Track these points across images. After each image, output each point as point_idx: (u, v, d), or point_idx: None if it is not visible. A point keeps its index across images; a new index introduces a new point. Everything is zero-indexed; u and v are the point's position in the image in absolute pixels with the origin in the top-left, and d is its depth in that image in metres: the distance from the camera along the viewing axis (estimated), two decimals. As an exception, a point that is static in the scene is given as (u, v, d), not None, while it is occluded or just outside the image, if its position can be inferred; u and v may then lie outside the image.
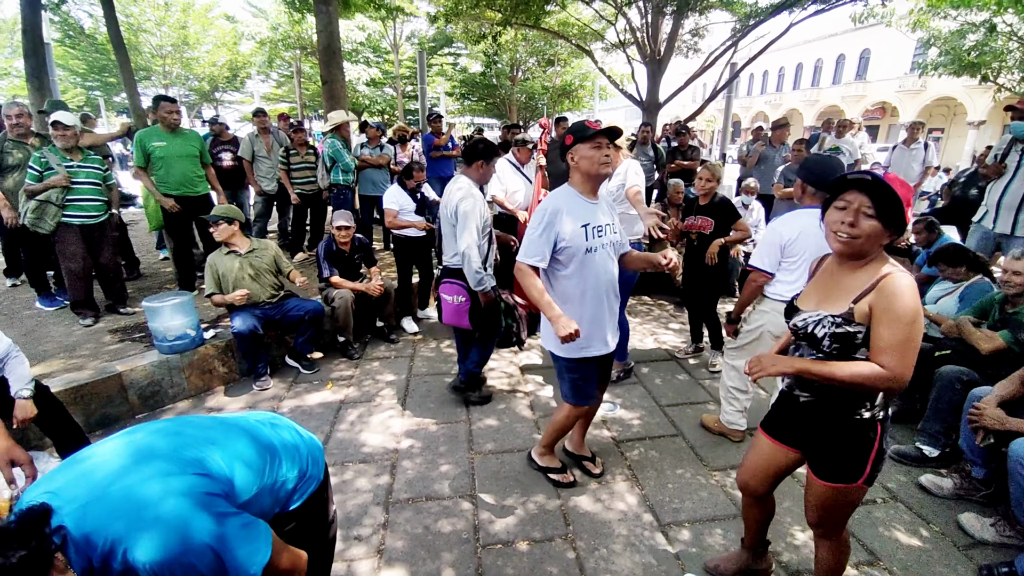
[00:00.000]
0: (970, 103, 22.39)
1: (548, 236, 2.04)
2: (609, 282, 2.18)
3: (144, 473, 0.99)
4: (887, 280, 1.32)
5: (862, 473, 1.43)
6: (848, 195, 1.35)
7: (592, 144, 2.03)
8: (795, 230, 2.34)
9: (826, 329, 1.38)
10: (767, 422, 1.70)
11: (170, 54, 22.04)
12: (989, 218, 3.83)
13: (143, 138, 4.08)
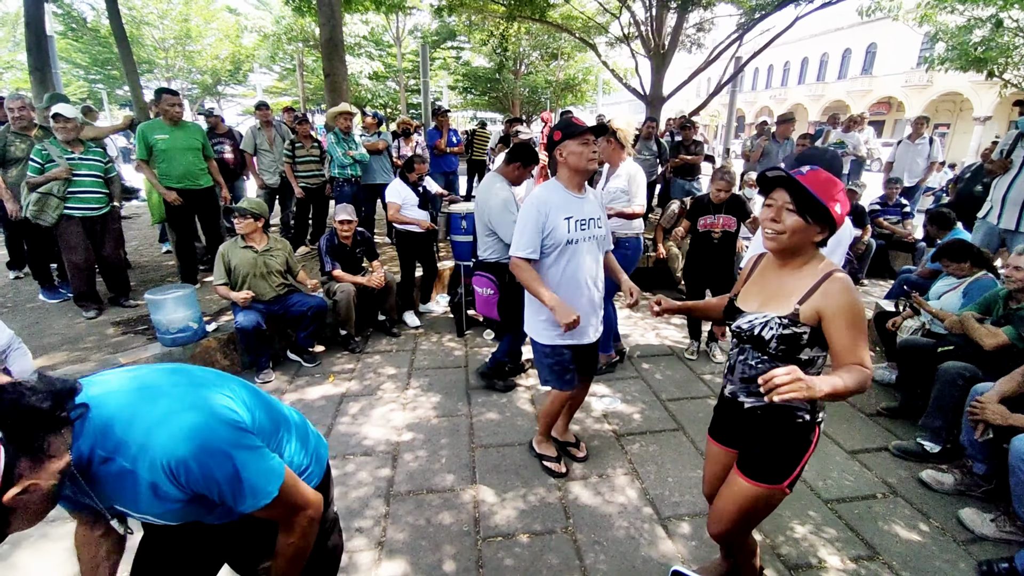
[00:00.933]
0: (976, 99, 22.21)
1: (538, 228, 2.11)
2: (590, 274, 2.22)
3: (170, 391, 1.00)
4: (833, 281, 1.34)
5: (789, 475, 1.44)
6: (774, 193, 1.39)
7: (580, 140, 2.08)
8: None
9: (773, 331, 1.38)
10: (713, 428, 1.70)
11: (173, 47, 21.97)
12: (994, 214, 3.80)
13: (146, 131, 4.08)
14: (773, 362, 1.41)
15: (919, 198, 7.16)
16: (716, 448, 1.68)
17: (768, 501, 1.49)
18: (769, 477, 1.45)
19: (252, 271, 3.44)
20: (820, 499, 2.41)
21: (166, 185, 4.12)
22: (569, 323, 1.99)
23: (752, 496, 1.47)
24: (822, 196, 1.30)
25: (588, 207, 2.20)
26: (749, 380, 1.47)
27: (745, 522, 1.54)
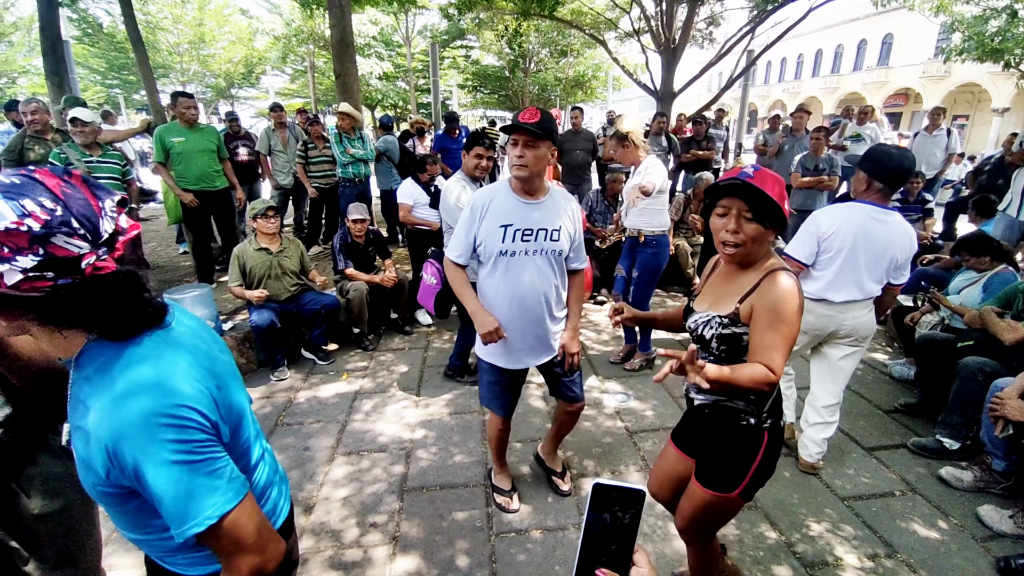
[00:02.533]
0: (994, 90, 21.68)
1: (469, 232, 1.91)
2: (533, 293, 1.93)
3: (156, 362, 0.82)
4: (771, 278, 1.30)
5: (739, 484, 1.40)
6: (725, 200, 1.32)
7: (510, 140, 1.81)
8: (835, 223, 2.21)
9: (713, 330, 1.37)
10: (675, 432, 1.69)
11: (187, 51, 22.31)
12: (1015, 205, 3.73)
13: (162, 134, 4.17)
14: (717, 362, 1.36)
15: (938, 191, 7.02)
16: (672, 450, 1.67)
17: (721, 509, 1.46)
18: (719, 485, 1.43)
19: (267, 273, 3.50)
20: (837, 496, 2.39)
21: (183, 187, 4.20)
22: (485, 334, 1.86)
23: (705, 503, 1.46)
24: (777, 198, 1.25)
25: (540, 216, 1.90)
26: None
27: (702, 527, 1.53)
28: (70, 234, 0.71)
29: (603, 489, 0.59)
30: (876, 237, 2.18)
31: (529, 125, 1.74)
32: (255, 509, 0.85)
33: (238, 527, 0.81)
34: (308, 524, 2.24)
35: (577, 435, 2.86)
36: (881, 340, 4.11)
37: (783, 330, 1.25)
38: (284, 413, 3.12)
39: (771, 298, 1.28)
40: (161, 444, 0.75)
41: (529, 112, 1.79)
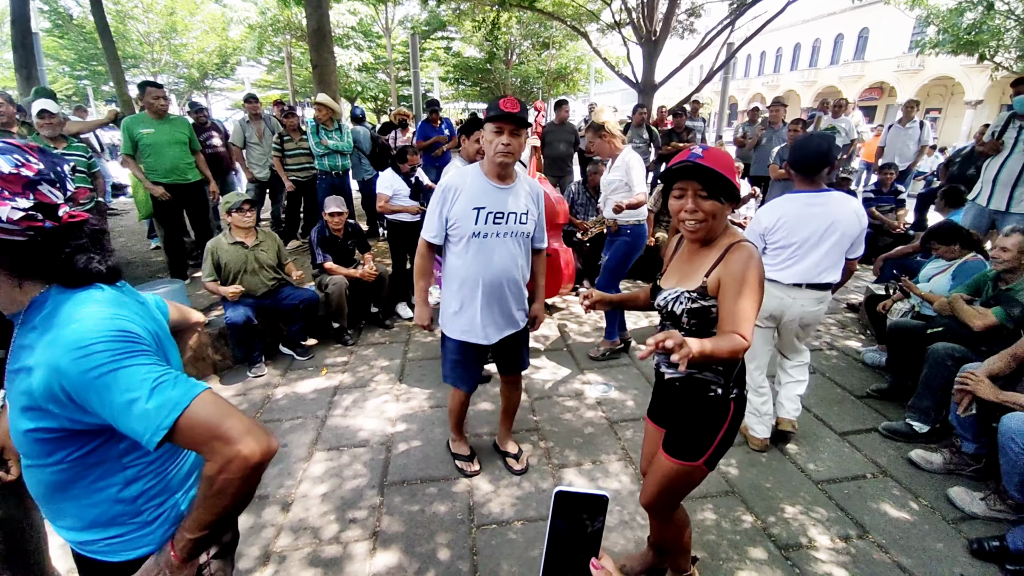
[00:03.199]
0: (968, 83, 22.24)
1: (441, 213, 2.01)
2: (503, 273, 2.06)
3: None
4: (734, 250, 1.36)
5: (705, 452, 1.45)
6: (680, 183, 1.37)
7: (495, 127, 1.88)
8: (774, 218, 2.36)
9: (683, 305, 1.41)
10: (650, 409, 1.73)
11: (158, 41, 21.63)
12: (984, 195, 3.81)
13: (130, 125, 4.03)
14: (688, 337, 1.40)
15: (910, 182, 7.18)
16: (651, 427, 1.72)
17: (687, 478, 1.51)
18: (686, 454, 1.47)
19: (243, 267, 3.42)
20: (811, 480, 2.44)
21: (153, 180, 4.07)
22: (417, 325, 2.14)
23: (671, 472, 1.50)
24: (727, 172, 1.31)
25: (511, 200, 2.01)
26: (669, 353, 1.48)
27: (667, 496, 1.57)
28: (52, 183, 0.82)
29: (566, 497, 0.58)
30: (817, 222, 2.29)
31: (518, 114, 1.85)
32: (226, 403, 0.85)
33: (211, 413, 0.80)
34: (286, 521, 2.21)
35: (559, 426, 2.87)
36: (854, 328, 4.20)
37: (749, 297, 1.31)
38: (261, 410, 3.07)
39: (736, 268, 1.33)
40: (114, 354, 0.80)
41: (511, 101, 1.87)
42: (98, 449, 0.88)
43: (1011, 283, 2.60)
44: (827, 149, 2.27)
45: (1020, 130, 3.60)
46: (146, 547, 0.97)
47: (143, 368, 0.81)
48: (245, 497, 0.85)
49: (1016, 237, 2.53)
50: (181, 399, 0.80)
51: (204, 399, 0.82)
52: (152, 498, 0.97)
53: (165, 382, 0.81)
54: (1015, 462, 2.01)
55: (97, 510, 0.92)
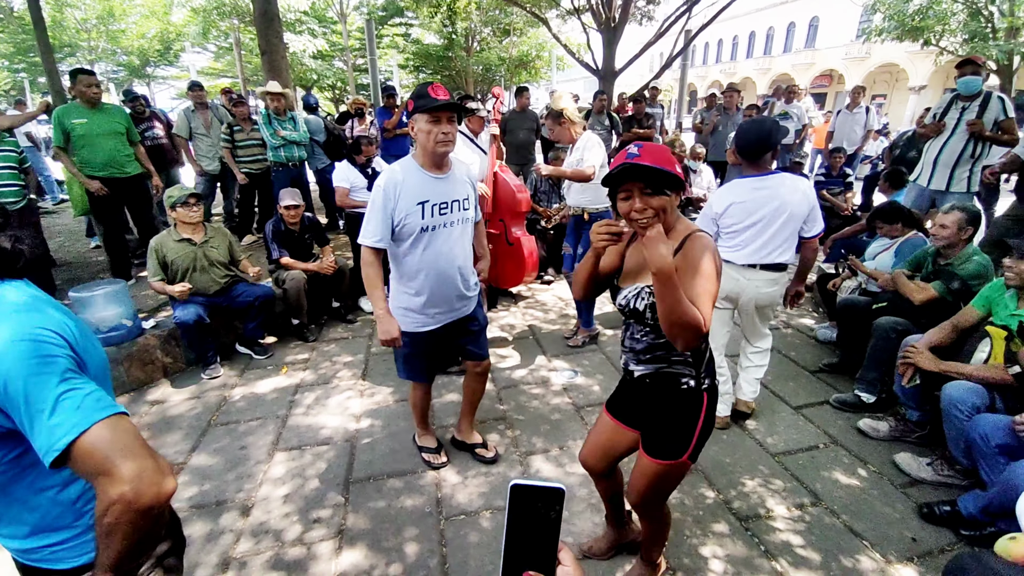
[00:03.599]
0: (912, 68, 23.33)
1: (385, 215, 1.92)
2: (451, 262, 2.06)
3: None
4: (692, 239, 1.37)
5: (687, 448, 1.46)
6: (625, 185, 1.35)
7: (430, 118, 1.85)
8: (724, 203, 2.40)
9: (645, 300, 1.40)
10: (611, 402, 1.71)
11: (95, 27, 20.24)
12: (925, 175, 4.00)
13: (62, 115, 3.76)
14: (653, 333, 1.43)
15: (857, 165, 7.49)
16: (607, 419, 1.68)
17: (675, 475, 1.52)
18: (668, 453, 1.47)
19: (192, 265, 3.25)
20: (768, 453, 2.53)
21: (87, 174, 3.81)
22: (385, 340, 1.98)
23: (658, 473, 1.50)
24: (666, 166, 1.29)
25: (450, 188, 2.00)
26: (638, 352, 1.50)
27: (657, 495, 1.58)
28: None
29: (521, 490, 0.56)
30: (764, 204, 2.33)
31: (452, 101, 1.84)
32: (131, 434, 0.78)
33: (106, 445, 0.74)
34: (246, 526, 2.13)
35: (525, 414, 2.88)
36: (807, 306, 4.37)
37: (705, 284, 1.32)
38: (217, 412, 2.95)
39: (693, 255, 1.35)
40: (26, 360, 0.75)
41: (442, 88, 1.86)
42: (31, 450, 0.82)
43: (950, 258, 2.74)
44: (767, 134, 2.31)
45: (962, 111, 3.78)
46: (90, 553, 0.93)
47: (55, 376, 0.76)
48: (142, 541, 0.78)
49: (955, 214, 2.66)
50: (80, 422, 0.74)
51: (105, 426, 0.75)
52: (91, 500, 0.92)
53: (70, 397, 0.75)
54: (959, 428, 2.13)
55: (37, 513, 0.89)
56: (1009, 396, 2.11)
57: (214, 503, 2.26)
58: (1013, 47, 12.00)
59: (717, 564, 1.93)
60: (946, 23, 12.92)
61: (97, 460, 0.73)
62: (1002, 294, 2.28)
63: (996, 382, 2.12)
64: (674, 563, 1.93)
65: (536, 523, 0.56)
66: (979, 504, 1.95)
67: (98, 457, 0.73)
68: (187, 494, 2.31)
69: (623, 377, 1.65)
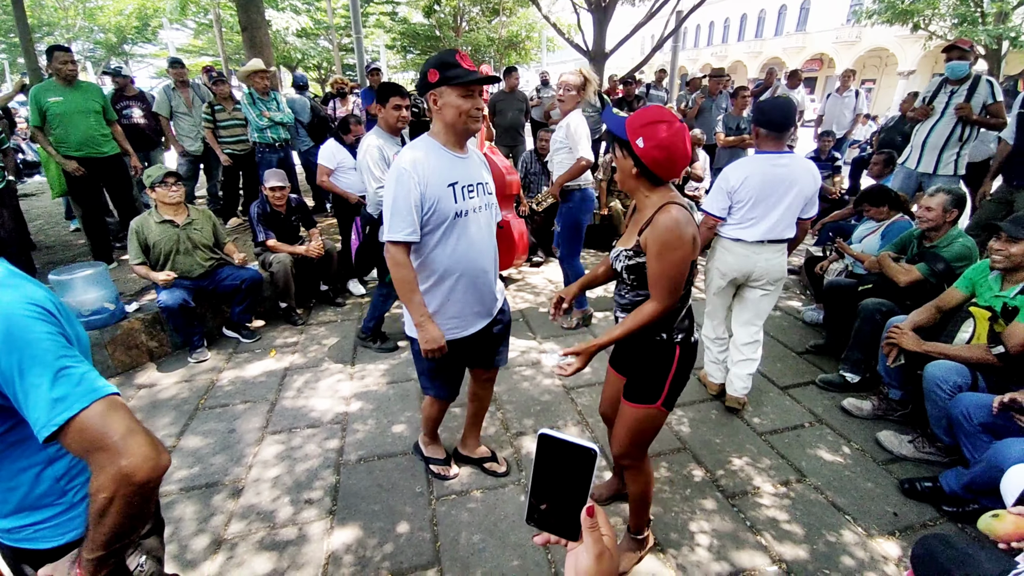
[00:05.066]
0: (901, 53, 23.38)
1: (415, 202, 1.62)
2: (485, 252, 1.83)
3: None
4: (659, 214, 1.43)
5: (660, 395, 1.58)
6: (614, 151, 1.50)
7: (463, 91, 1.60)
8: (741, 177, 2.40)
9: (622, 263, 1.53)
10: (612, 356, 1.85)
11: (72, 5, 19.49)
12: (913, 158, 4.03)
13: (37, 94, 3.64)
14: (634, 291, 1.56)
15: (846, 149, 7.52)
16: (612, 374, 1.85)
17: (651, 421, 1.63)
18: (644, 398, 1.60)
19: (175, 248, 3.18)
20: (755, 432, 2.57)
21: (64, 154, 3.69)
22: (432, 349, 1.73)
23: (635, 417, 1.62)
24: (627, 133, 1.40)
25: (474, 169, 1.78)
26: (624, 305, 1.62)
27: (636, 441, 1.67)
28: None
29: (550, 441, 0.54)
30: (780, 181, 2.37)
31: (490, 76, 1.64)
32: (126, 412, 0.79)
33: (105, 421, 0.75)
34: (236, 508, 2.12)
35: (516, 395, 2.89)
36: (795, 288, 4.42)
37: (668, 260, 1.40)
38: (206, 396, 2.92)
39: (657, 231, 1.41)
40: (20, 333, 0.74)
41: (467, 57, 1.63)
42: (17, 427, 0.83)
43: (934, 241, 2.78)
44: (792, 112, 2.40)
45: (951, 95, 3.79)
46: (75, 531, 0.92)
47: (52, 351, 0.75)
48: (135, 517, 0.78)
49: (940, 197, 2.69)
50: (81, 398, 0.74)
51: (104, 403, 0.76)
52: (75, 477, 0.92)
53: (69, 374, 0.75)
54: (941, 407, 2.17)
55: (21, 491, 0.88)
56: (991, 376, 2.16)
57: (204, 485, 2.24)
58: (1002, 31, 12.04)
59: (703, 538, 1.97)
60: (936, 7, 12.92)
61: (94, 436, 0.74)
62: (986, 276, 2.32)
63: (979, 362, 2.16)
64: (661, 538, 1.97)
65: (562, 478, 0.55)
66: (961, 481, 1.99)
67: (96, 433, 0.74)
68: (178, 475, 2.29)
69: None
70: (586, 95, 3.13)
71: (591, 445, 0.53)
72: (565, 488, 0.55)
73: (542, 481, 0.56)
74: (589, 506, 0.55)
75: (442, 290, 1.78)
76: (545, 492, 0.56)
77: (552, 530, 0.57)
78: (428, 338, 1.73)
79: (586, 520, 0.55)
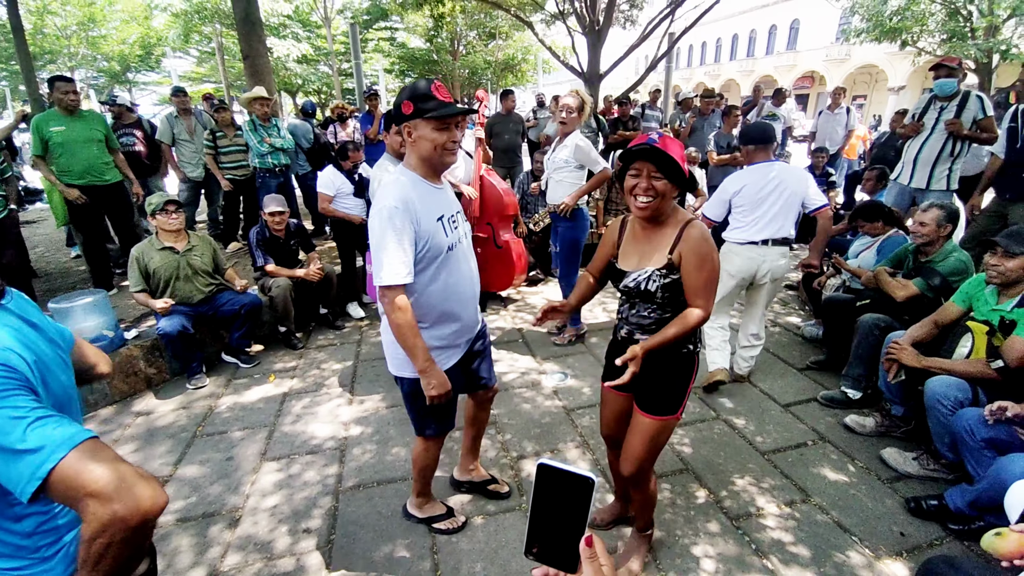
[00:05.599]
0: (891, 69, 23.78)
1: (409, 239, 1.54)
2: (473, 282, 1.81)
3: None
4: (691, 227, 1.53)
5: (681, 403, 1.65)
6: (636, 163, 1.50)
7: (438, 124, 1.53)
8: (739, 185, 2.84)
9: (656, 282, 1.56)
10: (606, 375, 1.82)
11: (75, 33, 19.93)
12: (906, 174, 4.07)
13: (40, 123, 3.70)
14: (661, 309, 1.59)
15: (840, 165, 7.60)
16: (610, 393, 1.82)
17: (668, 431, 1.69)
18: (664, 409, 1.64)
19: (175, 274, 3.20)
20: (758, 451, 2.54)
21: (67, 182, 3.74)
22: (438, 395, 1.65)
23: (655, 429, 1.65)
24: (680, 160, 1.44)
25: (451, 199, 1.76)
26: (645, 325, 1.64)
27: (654, 452, 1.70)
28: None
29: (548, 471, 0.55)
30: (774, 186, 2.79)
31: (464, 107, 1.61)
32: (109, 453, 0.76)
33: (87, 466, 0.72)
34: (234, 539, 2.09)
35: (516, 417, 2.87)
36: (794, 305, 4.42)
37: (708, 268, 1.50)
38: (203, 423, 2.90)
39: (694, 243, 1.50)
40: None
41: (444, 88, 1.59)
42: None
43: (930, 255, 2.79)
44: (769, 129, 2.91)
45: (941, 111, 3.85)
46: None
47: (18, 408, 0.73)
48: (131, 559, 0.76)
49: (934, 212, 2.71)
50: (58, 447, 0.72)
51: (84, 448, 0.74)
52: (46, 534, 0.89)
53: (42, 424, 0.73)
54: (943, 423, 2.16)
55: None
56: (992, 390, 2.15)
57: (200, 516, 2.21)
58: (992, 45, 12.20)
59: (709, 563, 1.93)
60: (924, 24, 13.17)
61: (82, 482, 0.71)
62: (982, 290, 2.32)
63: (979, 376, 2.15)
64: (665, 564, 1.93)
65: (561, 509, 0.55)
66: (966, 498, 1.97)
67: (82, 479, 0.71)
68: (174, 507, 2.26)
69: (614, 348, 1.80)
70: (584, 116, 3.21)
71: (589, 474, 0.53)
72: (564, 518, 0.55)
73: (541, 512, 0.56)
74: (587, 536, 0.55)
75: (436, 324, 1.74)
76: (544, 523, 0.56)
77: (551, 563, 0.56)
78: (436, 383, 1.65)
79: (585, 551, 0.55)
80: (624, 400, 1.79)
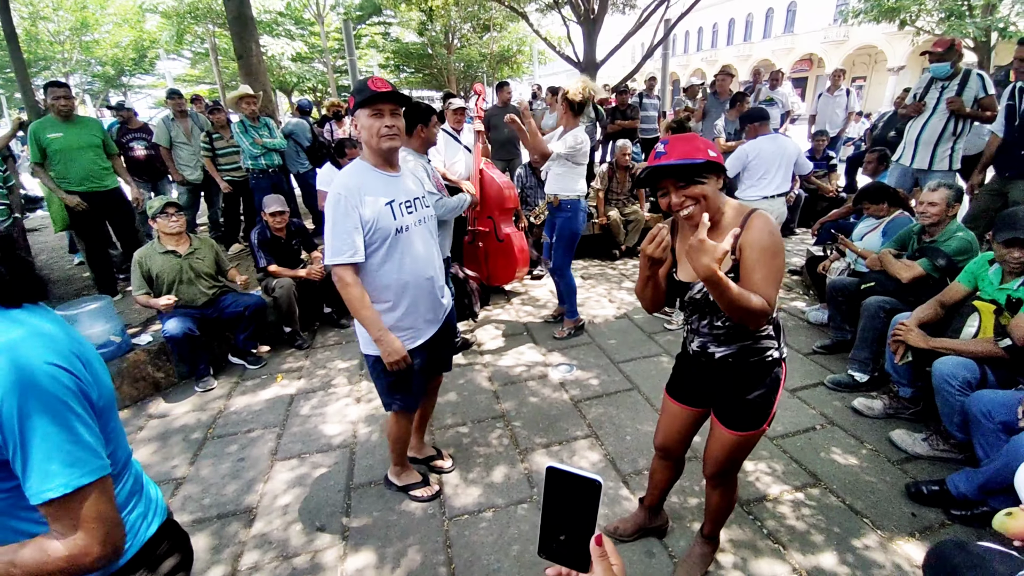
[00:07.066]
0: (890, 50, 23.56)
1: (354, 223, 1.71)
2: (429, 263, 1.92)
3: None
4: (755, 217, 1.37)
5: (767, 417, 1.51)
6: (660, 184, 1.38)
7: (371, 111, 1.70)
8: (755, 150, 3.63)
9: None
10: (672, 387, 1.73)
11: (68, 39, 19.83)
12: (908, 155, 4.04)
13: (37, 130, 3.68)
14: (725, 321, 1.45)
15: (840, 147, 7.55)
16: (675, 406, 1.71)
17: (750, 444, 1.59)
18: (751, 424, 1.51)
19: (178, 277, 3.20)
20: (767, 437, 2.55)
21: (66, 189, 3.73)
22: (395, 361, 1.80)
23: (738, 444, 1.55)
24: (698, 155, 1.30)
25: (409, 185, 1.89)
26: (720, 335, 1.48)
27: (736, 463, 1.64)
28: None
29: (557, 474, 0.57)
30: (774, 152, 3.62)
31: (392, 92, 1.69)
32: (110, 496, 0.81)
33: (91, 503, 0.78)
34: (250, 538, 2.11)
35: (524, 409, 2.88)
36: (798, 289, 4.41)
37: (771, 262, 1.32)
38: (214, 426, 2.91)
39: (756, 235, 1.34)
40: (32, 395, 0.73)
41: (380, 80, 1.70)
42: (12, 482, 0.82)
43: (934, 236, 2.78)
44: (761, 109, 3.95)
45: (942, 90, 3.82)
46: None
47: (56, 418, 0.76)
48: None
49: (943, 191, 2.69)
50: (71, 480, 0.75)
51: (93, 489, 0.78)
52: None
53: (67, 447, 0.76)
54: (951, 403, 2.15)
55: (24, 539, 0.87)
56: (1000, 369, 2.15)
57: (216, 516, 2.23)
58: (991, 23, 12.08)
59: (721, 550, 1.94)
60: (922, 3, 13.01)
61: (77, 518, 0.77)
62: (986, 269, 2.31)
63: (987, 356, 2.15)
64: (678, 551, 1.94)
65: (570, 510, 0.57)
66: (974, 482, 1.94)
67: (80, 516, 0.77)
68: (188, 508, 2.28)
69: (684, 361, 1.67)
70: (587, 109, 3.21)
71: (596, 477, 0.55)
72: (574, 519, 0.57)
73: (553, 513, 0.58)
74: (597, 536, 0.57)
75: (396, 304, 1.87)
76: (556, 523, 0.58)
77: (563, 562, 0.59)
78: (391, 350, 1.80)
79: (595, 550, 0.57)
80: (693, 415, 1.68)
